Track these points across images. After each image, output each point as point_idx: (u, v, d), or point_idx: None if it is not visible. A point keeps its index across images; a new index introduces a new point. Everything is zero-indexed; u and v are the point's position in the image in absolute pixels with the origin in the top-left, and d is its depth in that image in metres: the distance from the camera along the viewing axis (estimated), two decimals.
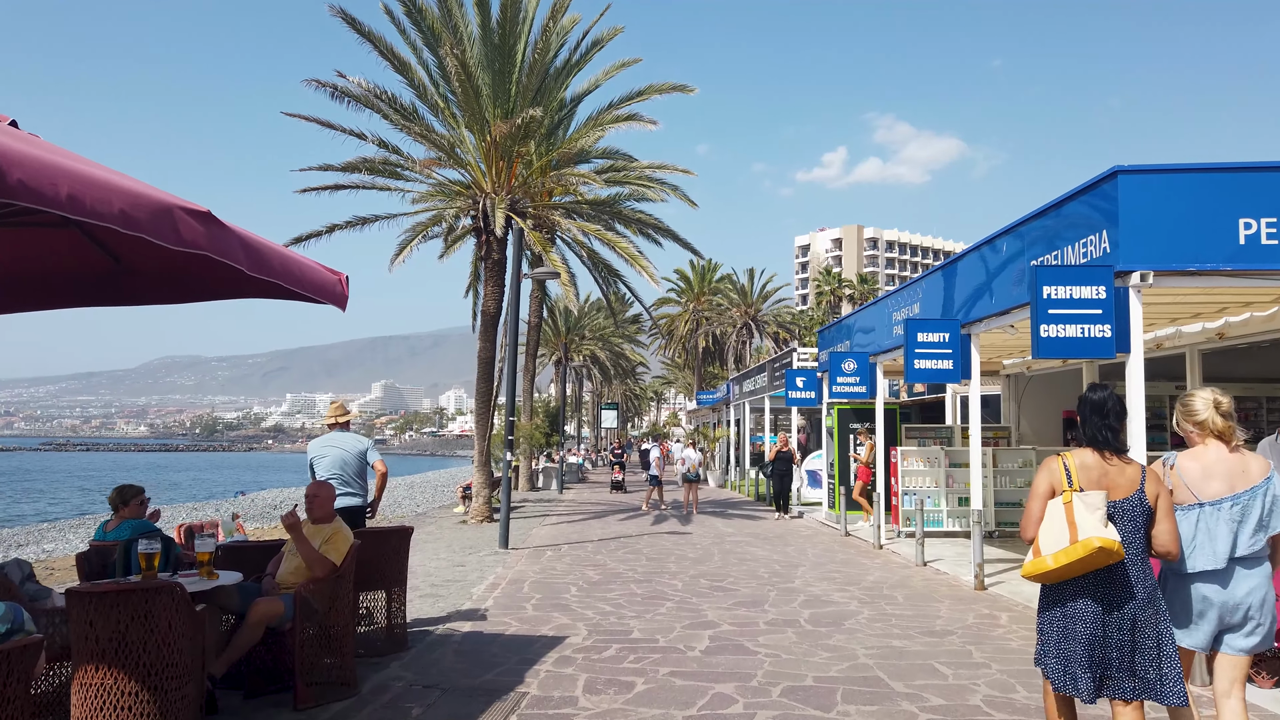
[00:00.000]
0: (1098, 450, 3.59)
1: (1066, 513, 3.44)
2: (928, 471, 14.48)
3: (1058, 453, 3.82)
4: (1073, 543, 3.36)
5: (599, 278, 24.67)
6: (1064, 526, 3.42)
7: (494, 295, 17.46)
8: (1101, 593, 3.48)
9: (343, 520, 6.67)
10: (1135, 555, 3.50)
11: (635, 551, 12.98)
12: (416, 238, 16.67)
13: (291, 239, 17.43)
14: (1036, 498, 3.63)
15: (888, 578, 10.44)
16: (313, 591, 5.30)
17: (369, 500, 7.38)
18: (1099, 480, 3.53)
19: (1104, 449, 3.58)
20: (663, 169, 18.28)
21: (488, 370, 18.10)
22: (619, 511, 20.44)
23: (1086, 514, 3.39)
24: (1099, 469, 3.55)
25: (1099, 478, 3.54)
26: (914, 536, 14.11)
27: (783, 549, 13.31)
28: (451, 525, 17.61)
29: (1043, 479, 3.63)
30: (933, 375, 10.53)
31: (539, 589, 9.61)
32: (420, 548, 13.55)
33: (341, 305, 5.10)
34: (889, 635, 7.31)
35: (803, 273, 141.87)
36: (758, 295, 58.23)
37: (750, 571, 10.97)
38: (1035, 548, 3.56)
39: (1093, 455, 3.59)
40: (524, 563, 11.73)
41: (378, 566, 6.80)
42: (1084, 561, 3.36)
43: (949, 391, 21.58)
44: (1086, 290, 7.20)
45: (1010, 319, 9.46)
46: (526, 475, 29.33)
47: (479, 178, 17.59)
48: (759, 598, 9.09)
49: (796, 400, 18.39)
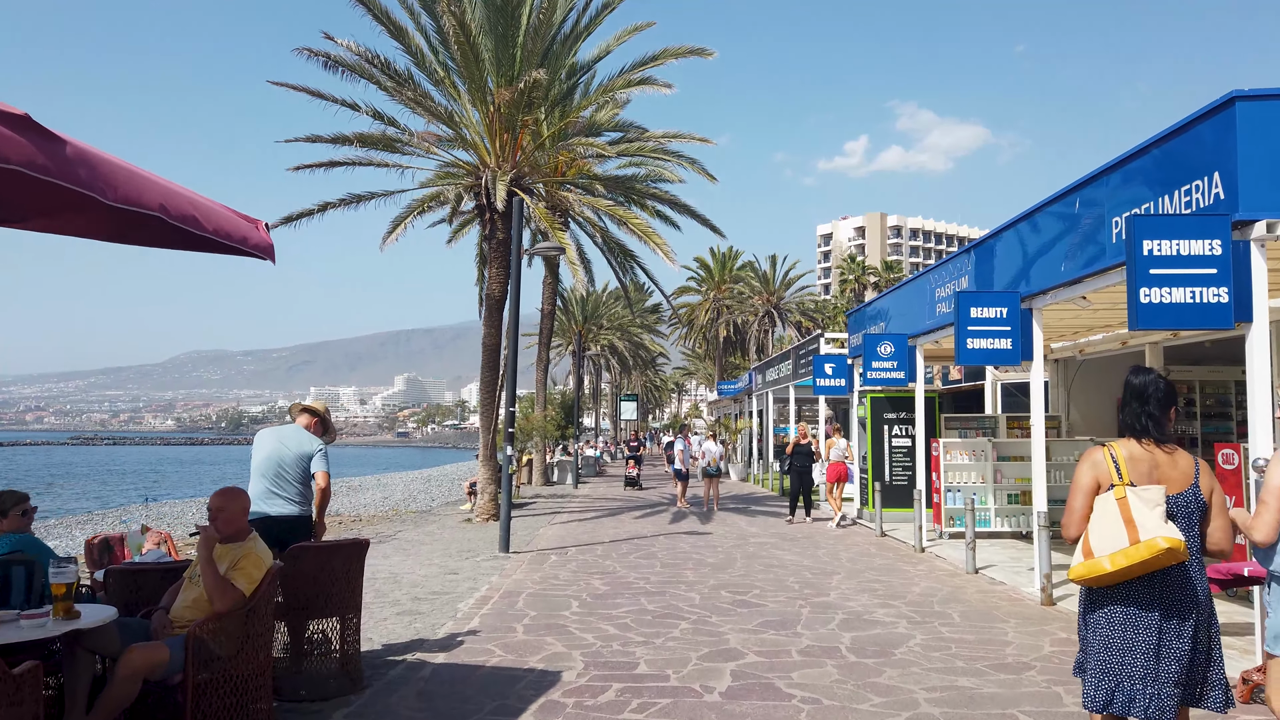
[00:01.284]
0: (1137, 439, 3.29)
1: (1121, 509, 3.13)
2: (973, 466, 13.09)
3: (1101, 443, 3.44)
4: (1133, 543, 3.06)
5: (614, 263, 23.36)
6: (1119, 525, 3.12)
7: (499, 277, 16.22)
8: (1159, 597, 3.15)
9: (275, 534, 5.47)
10: (1192, 556, 3.19)
11: (649, 555, 11.72)
12: (411, 215, 15.43)
13: (281, 219, 16.27)
14: (1080, 492, 3.29)
15: (936, 589, 9.10)
16: (213, 631, 4.08)
17: (310, 509, 6.10)
18: (1150, 473, 3.22)
19: (1142, 438, 3.28)
20: (679, 138, 16.85)
21: (493, 358, 16.89)
22: (634, 508, 19.19)
23: (1146, 511, 3.09)
24: (1149, 461, 3.24)
25: (1150, 470, 3.23)
26: (960, 538, 12.75)
27: (813, 553, 11.99)
28: (454, 524, 16.44)
29: (1085, 471, 3.30)
30: (988, 356, 9.14)
31: (535, 604, 8.36)
32: (414, 551, 12.37)
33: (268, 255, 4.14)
34: (951, 670, 5.98)
35: (825, 262, 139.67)
36: (780, 283, 56.63)
37: (778, 581, 9.66)
38: (1085, 548, 3.22)
39: (1141, 445, 3.27)
40: (524, 570, 10.50)
41: (323, 589, 5.57)
42: (1147, 564, 3.05)
43: (988, 378, 20.14)
44: (1197, 245, 5.81)
45: (1082, 289, 8.06)
46: (540, 469, 28.15)
47: (482, 153, 16.33)
48: (789, 616, 7.78)
49: (825, 389, 17.02)
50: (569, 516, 17.40)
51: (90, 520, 26.63)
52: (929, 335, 12.25)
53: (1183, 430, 16.77)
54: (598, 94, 15.88)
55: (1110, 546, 3.12)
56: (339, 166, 16.70)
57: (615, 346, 52.71)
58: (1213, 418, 16.85)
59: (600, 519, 16.88)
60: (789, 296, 57.40)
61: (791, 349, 24.30)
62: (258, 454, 5.96)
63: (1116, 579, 3.14)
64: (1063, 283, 8.27)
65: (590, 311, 49.40)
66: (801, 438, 15.95)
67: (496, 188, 14.22)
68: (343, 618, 5.68)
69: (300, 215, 16.33)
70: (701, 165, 17.72)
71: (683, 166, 17.52)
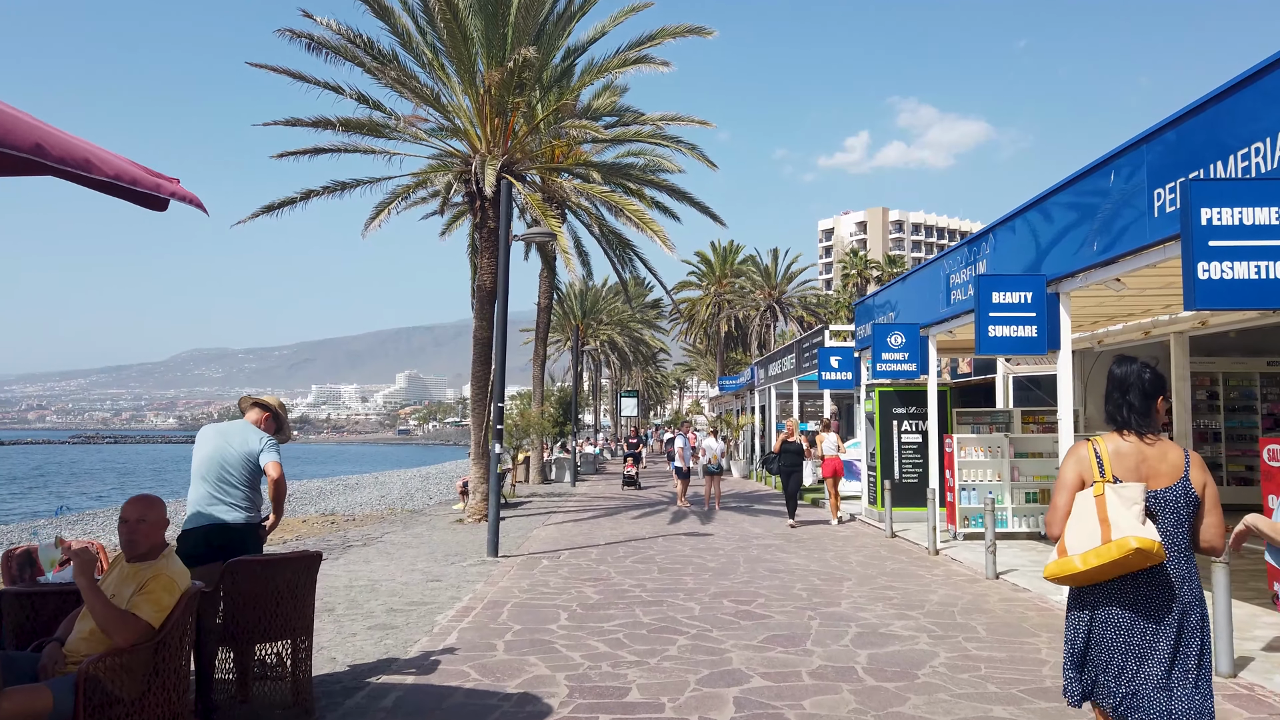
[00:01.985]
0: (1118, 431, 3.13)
1: (1098, 507, 2.98)
2: (989, 463, 12.39)
3: (1087, 437, 3.25)
4: (1105, 542, 2.91)
5: (612, 255, 22.68)
6: (1095, 523, 2.97)
7: (489, 267, 15.52)
8: (1138, 598, 2.99)
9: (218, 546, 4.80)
10: (1179, 553, 3.02)
11: (646, 559, 11.04)
12: (395, 200, 14.74)
13: (262, 207, 15.59)
14: (1063, 489, 3.13)
15: (956, 597, 8.41)
16: (112, 669, 3.39)
17: (263, 517, 5.42)
18: (1136, 468, 3.04)
19: (1123, 429, 3.11)
20: (677, 121, 16.09)
21: (485, 352, 16.20)
22: (633, 508, 18.51)
23: (1121, 509, 2.93)
24: (1136, 455, 3.06)
25: (1136, 465, 3.05)
26: (975, 540, 12.07)
27: (821, 556, 11.31)
28: (445, 525, 15.76)
29: (1070, 468, 3.13)
30: (1011, 345, 8.45)
31: (521, 615, 7.68)
32: (398, 555, 11.70)
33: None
34: (984, 696, 5.29)
35: (826, 257, 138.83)
36: (782, 276, 55.83)
37: (784, 588, 8.98)
38: (1060, 545, 3.07)
39: (1128, 439, 3.09)
40: (512, 576, 9.82)
41: (267, 610, 4.88)
42: (1118, 564, 2.90)
43: (999, 371, 19.45)
44: (1263, 213, 5.11)
45: (1118, 269, 7.37)
46: (537, 467, 27.49)
47: (472, 138, 15.62)
48: (798, 629, 7.10)
49: (831, 383, 16.34)
50: (564, 517, 16.72)
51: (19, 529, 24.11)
52: (943, 325, 11.55)
53: (1205, 424, 16.09)
54: (593, 73, 15.12)
55: (1084, 545, 2.98)
56: (325, 154, 16.01)
57: (615, 342, 51.98)
58: (1236, 411, 16.15)
59: (597, 519, 16.20)
60: (791, 291, 56.63)
61: (795, 342, 23.60)
62: (198, 454, 5.26)
63: (1089, 579, 3.00)
64: (1095, 263, 7.57)
65: (589, 306, 48.71)
66: (789, 435, 14.77)
67: (485, 172, 13.52)
68: (293, 640, 5.01)
69: (283, 204, 15.64)
70: (701, 152, 16.98)
71: (682, 153, 16.79)
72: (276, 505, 5.39)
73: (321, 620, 7.43)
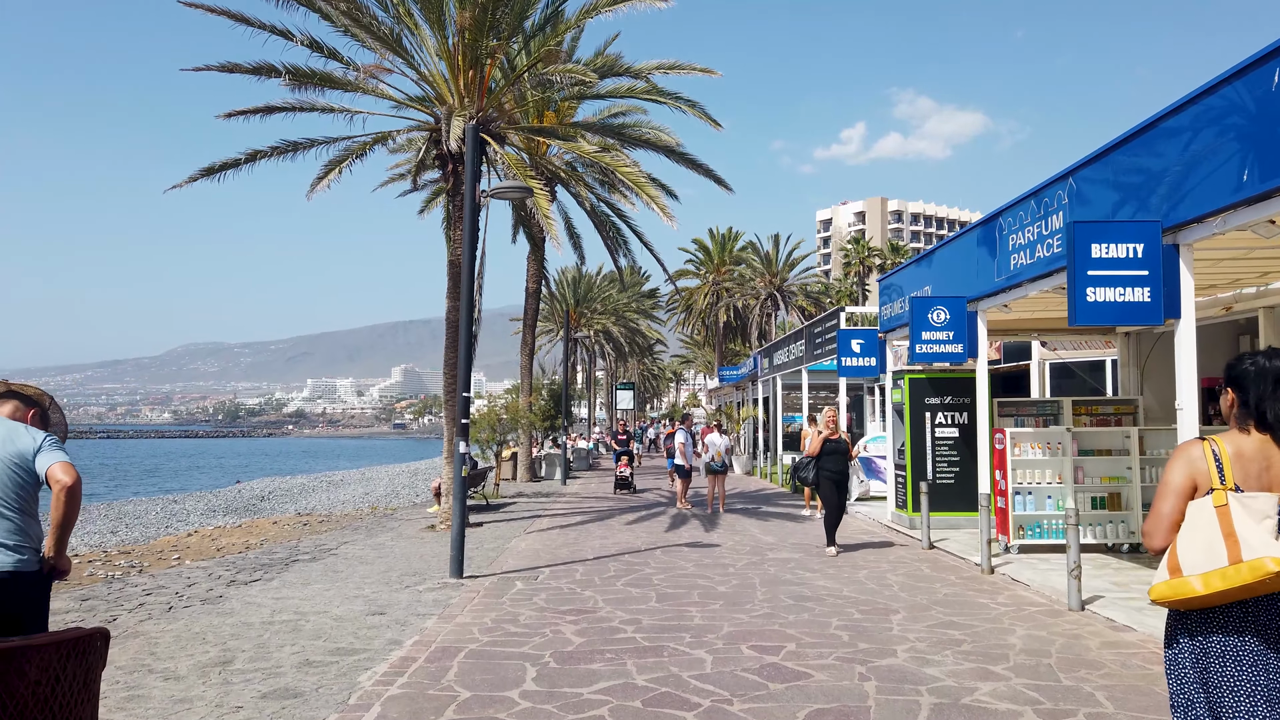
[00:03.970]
0: (1264, 433, 2.56)
1: (1221, 519, 2.46)
2: (1048, 462, 10.50)
3: (1203, 436, 2.75)
4: (1233, 562, 2.39)
5: (606, 235, 20.73)
6: (1218, 538, 2.45)
7: (461, 237, 13.54)
8: (1267, 625, 2.45)
9: None
10: None
11: (642, 581, 9.12)
12: (349, 159, 12.76)
13: (201, 170, 13.61)
14: (1170, 494, 2.59)
15: (1043, 640, 6.49)
16: None
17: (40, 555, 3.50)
18: (1261, 475, 2.52)
19: (1262, 429, 2.54)
20: (676, 69, 14.06)
21: (458, 336, 14.23)
22: (627, 511, 16.60)
23: (1251, 523, 2.42)
24: (1261, 459, 2.53)
25: (1261, 471, 2.53)
26: (1033, 554, 10.20)
27: (852, 575, 9.39)
28: (414, 532, 13.83)
29: (1179, 470, 2.59)
30: (1117, 312, 6.50)
31: (472, 674, 5.75)
32: (347, 574, 9.76)
33: None
34: None
35: (825, 248, 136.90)
36: (784, 263, 53.84)
37: (817, 625, 7.06)
38: (1171, 562, 2.53)
39: (1253, 440, 2.55)
40: (474, 607, 7.89)
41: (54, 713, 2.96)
42: (1249, 589, 2.38)
43: (1034, 357, 17.58)
44: None
45: (1273, 207, 5.45)
46: (526, 464, 25.57)
47: (441, 87, 13.64)
48: (851, 699, 5.17)
49: (852, 370, 14.42)
50: (550, 522, 14.80)
51: None
52: (997, 297, 9.62)
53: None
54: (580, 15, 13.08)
55: (1203, 564, 2.46)
56: (278, 112, 14.03)
57: (610, 332, 49.96)
58: None
59: (586, 525, 14.29)
60: (792, 278, 54.70)
61: (805, 327, 21.66)
62: None
63: (1208, 603, 2.48)
64: (1242, 200, 5.64)
65: (583, 294, 46.76)
66: (831, 431, 11.10)
67: (452, 124, 11.54)
68: None
69: (224, 166, 13.66)
70: (703, 109, 14.99)
71: (681, 110, 14.78)
72: (57, 528, 3.48)
73: (206, 680, 5.51)
